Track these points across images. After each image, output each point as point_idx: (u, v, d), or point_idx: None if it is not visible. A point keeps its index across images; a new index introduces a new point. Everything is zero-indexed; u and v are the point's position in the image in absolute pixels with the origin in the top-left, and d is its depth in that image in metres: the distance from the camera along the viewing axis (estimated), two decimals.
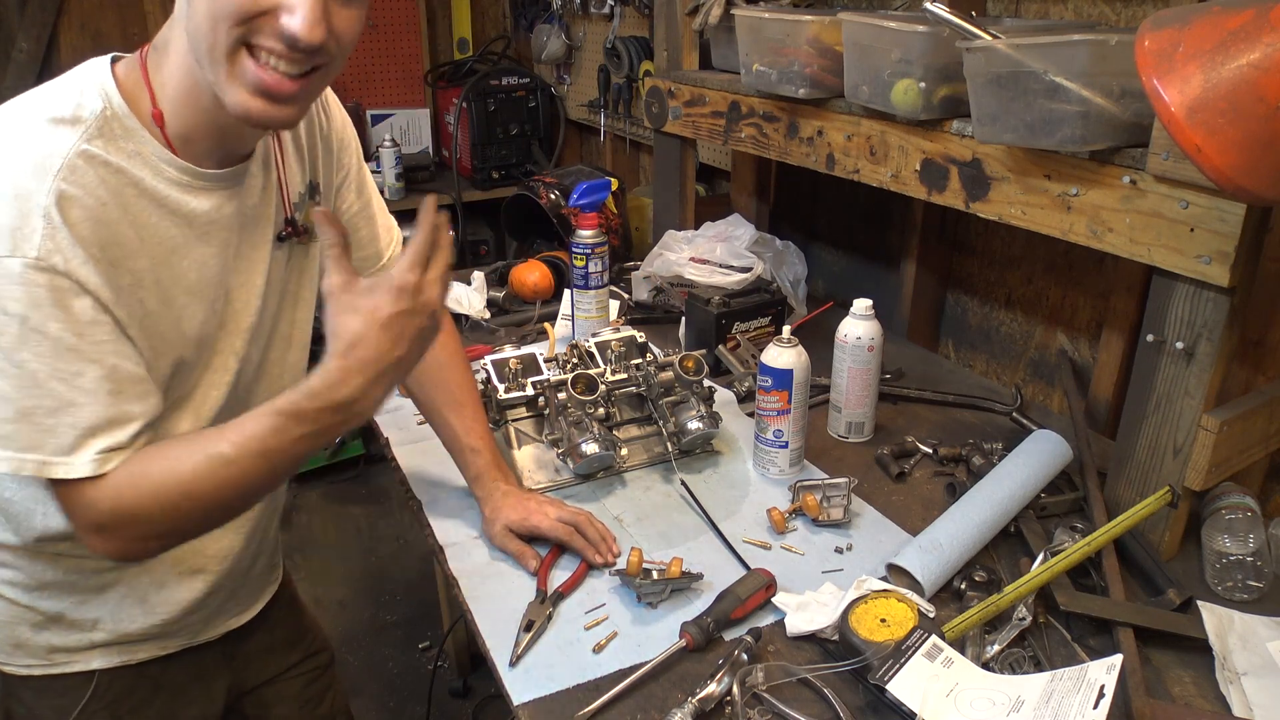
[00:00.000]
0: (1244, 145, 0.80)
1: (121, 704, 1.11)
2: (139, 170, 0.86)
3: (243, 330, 1.01)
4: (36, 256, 0.78)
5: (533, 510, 1.19)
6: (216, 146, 0.91)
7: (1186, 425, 1.10)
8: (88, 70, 0.88)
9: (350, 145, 1.16)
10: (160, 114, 0.87)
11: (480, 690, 2.32)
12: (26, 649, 1.05)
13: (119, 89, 0.86)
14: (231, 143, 0.93)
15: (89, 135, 0.83)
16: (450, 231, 0.89)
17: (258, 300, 1.02)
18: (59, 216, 0.79)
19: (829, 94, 1.50)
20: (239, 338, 1.01)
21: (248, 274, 1.01)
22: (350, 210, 1.18)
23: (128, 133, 0.86)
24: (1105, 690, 0.85)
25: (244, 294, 1.01)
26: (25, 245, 0.78)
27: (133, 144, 0.86)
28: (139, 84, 0.88)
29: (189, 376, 0.97)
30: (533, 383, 1.39)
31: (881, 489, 1.34)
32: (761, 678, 0.95)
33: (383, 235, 1.24)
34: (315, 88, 0.86)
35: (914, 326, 1.88)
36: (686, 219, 2.11)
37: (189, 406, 0.99)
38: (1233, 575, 1.10)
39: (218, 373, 1.00)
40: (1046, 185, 1.19)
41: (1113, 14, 1.43)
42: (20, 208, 0.78)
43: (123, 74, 0.88)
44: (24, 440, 0.82)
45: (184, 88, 0.86)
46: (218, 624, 1.18)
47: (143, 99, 0.87)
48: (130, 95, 0.87)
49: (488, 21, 3.68)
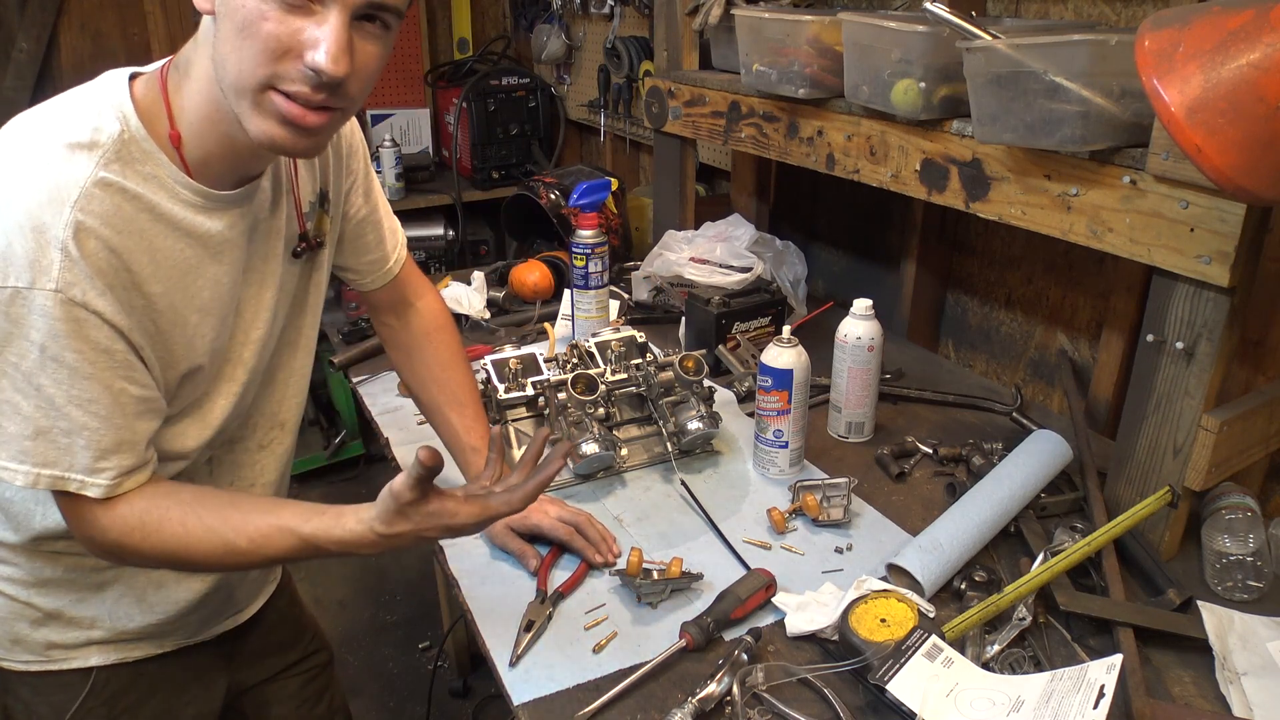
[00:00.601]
0: (1244, 145, 0.80)
1: (119, 701, 1.11)
2: (155, 194, 0.86)
3: (252, 342, 1.02)
4: (55, 289, 0.79)
5: (534, 509, 1.19)
6: (232, 170, 0.91)
7: (1186, 425, 1.10)
8: (105, 89, 0.86)
9: (358, 150, 1.16)
10: (178, 135, 0.87)
11: (480, 690, 2.32)
12: (24, 645, 1.06)
13: (136, 109, 0.85)
14: (247, 166, 0.93)
15: (106, 160, 0.83)
16: (559, 463, 0.92)
17: (268, 313, 1.02)
18: (76, 249, 0.79)
19: (829, 94, 1.50)
20: (248, 349, 1.02)
21: (259, 287, 1.01)
22: (358, 215, 1.18)
23: (145, 156, 0.85)
24: (1105, 690, 0.85)
25: (254, 306, 1.01)
26: (44, 278, 0.79)
27: (149, 167, 0.86)
28: (157, 103, 0.87)
29: (198, 387, 0.98)
30: (533, 383, 1.39)
31: (881, 489, 1.34)
32: (761, 678, 0.95)
33: (389, 239, 1.25)
34: (337, 122, 0.86)
35: (914, 326, 1.88)
36: (686, 219, 2.11)
37: (197, 415, 1.00)
38: (1233, 575, 1.10)
39: (227, 383, 1.01)
40: (1046, 185, 1.19)
41: (1113, 14, 1.43)
42: (38, 240, 0.79)
43: (140, 93, 0.87)
44: (41, 456, 0.84)
45: (204, 112, 0.86)
46: (215, 624, 1.18)
47: (160, 120, 0.87)
48: (147, 116, 0.86)
49: (488, 21, 3.68)
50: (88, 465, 0.85)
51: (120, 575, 1.05)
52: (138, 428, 0.88)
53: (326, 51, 0.77)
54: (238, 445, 1.09)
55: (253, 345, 1.02)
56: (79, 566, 1.03)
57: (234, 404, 1.02)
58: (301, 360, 1.14)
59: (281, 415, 1.14)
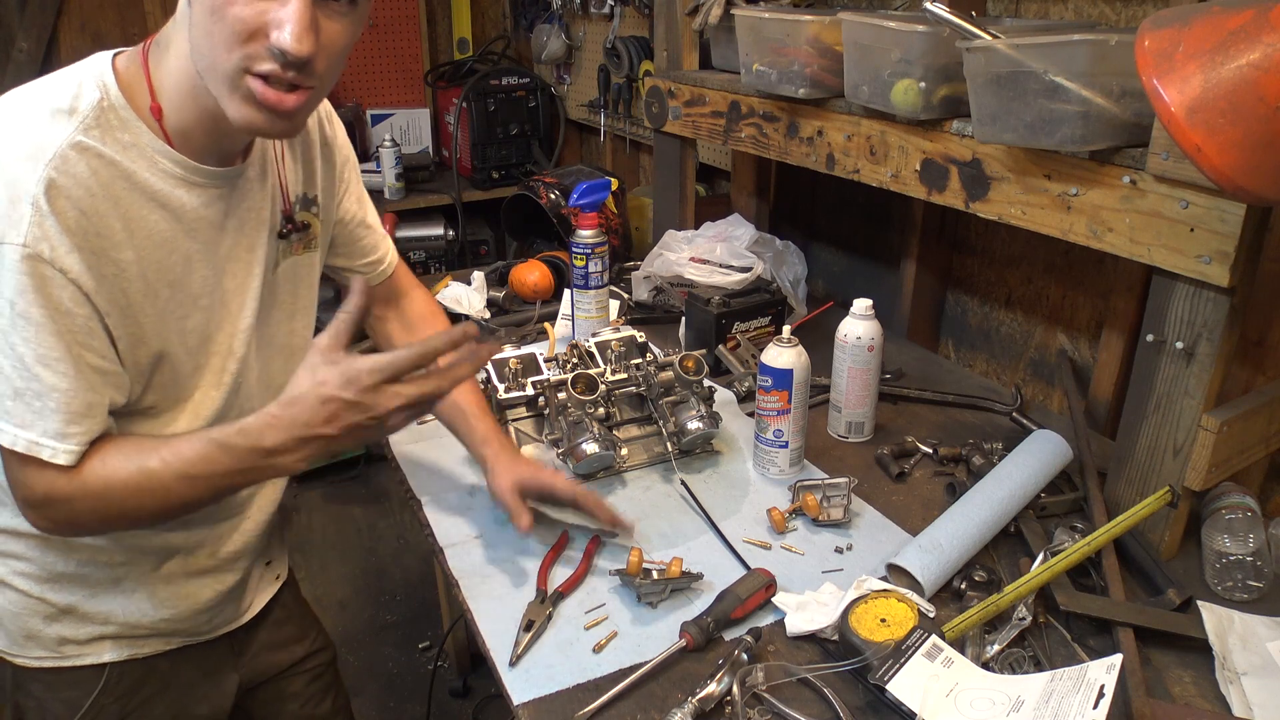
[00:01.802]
0: (1244, 145, 0.80)
1: (131, 698, 1.12)
2: (133, 162, 0.88)
3: (240, 332, 1.02)
4: (23, 243, 0.80)
5: (544, 469, 1.21)
6: (214, 143, 0.93)
7: (1186, 425, 1.10)
8: (89, 63, 0.89)
9: (351, 160, 1.19)
10: (159, 108, 0.89)
11: (480, 690, 2.32)
12: (38, 640, 1.06)
13: (118, 81, 0.88)
14: (229, 140, 0.94)
15: (85, 126, 0.85)
16: (482, 353, 0.91)
17: (254, 302, 1.03)
18: (46, 204, 0.81)
19: (829, 94, 1.50)
20: (236, 339, 1.02)
21: (244, 276, 1.02)
22: (354, 218, 1.21)
23: (124, 123, 0.87)
24: (1105, 690, 0.85)
25: (239, 296, 1.02)
26: (13, 232, 0.81)
27: (129, 135, 0.88)
28: (138, 77, 0.89)
29: (186, 378, 0.98)
30: (533, 383, 1.39)
31: (881, 489, 1.34)
32: (761, 678, 0.95)
33: (381, 241, 1.28)
34: (312, 102, 0.88)
35: (914, 326, 1.88)
36: (686, 219, 2.11)
37: (188, 407, 1.00)
38: (1233, 575, 1.10)
39: (215, 374, 1.01)
40: (1046, 185, 1.19)
41: (1113, 14, 1.43)
42: (10, 194, 0.81)
43: (122, 67, 0.89)
44: (19, 418, 0.85)
45: (184, 86, 0.88)
46: (221, 623, 1.18)
47: (142, 93, 0.89)
48: (128, 88, 0.88)
49: (488, 21, 3.68)
50: (58, 430, 0.85)
51: (131, 571, 1.06)
52: (102, 395, 0.88)
53: (291, 32, 0.79)
54: None
55: (241, 336, 1.02)
56: (93, 561, 1.03)
57: (225, 396, 1.02)
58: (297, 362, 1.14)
59: None
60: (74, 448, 0.86)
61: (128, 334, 0.90)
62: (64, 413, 0.85)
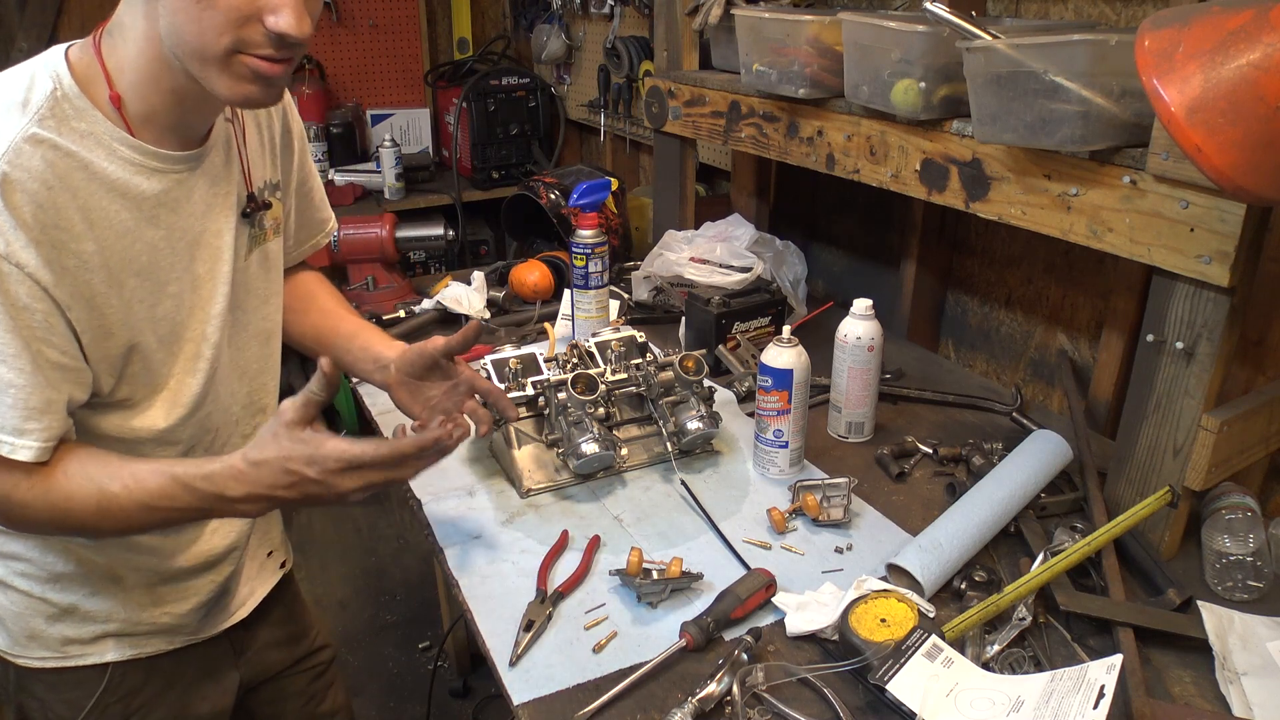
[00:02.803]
0: (1244, 145, 0.80)
1: (134, 698, 1.12)
2: (90, 152, 0.87)
3: (212, 317, 1.02)
4: None
5: (410, 349, 1.19)
6: (179, 123, 0.93)
7: (1186, 425, 1.10)
8: (41, 57, 0.89)
9: (305, 141, 1.21)
10: (118, 95, 0.88)
11: (480, 690, 2.32)
12: (41, 641, 1.06)
13: (71, 72, 0.87)
14: (193, 120, 0.95)
15: (39, 118, 0.84)
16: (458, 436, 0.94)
17: (225, 285, 1.03)
18: (1, 200, 0.81)
19: (829, 94, 1.50)
20: (209, 325, 1.02)
21: (213, 261, 1.01)
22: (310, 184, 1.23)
23: (79, 113, 0.87)
24: (1105, 690, 0.85)
25: (210, 281, 1.01)
26: None
27: (85, 124, 0.87)
28: (93, 66, 0.89)
29: (160, 367, 0.98)
30: (533, 383, 1.39)
31: (881, 489, 1.34)
32: (761, 678, 0.95)
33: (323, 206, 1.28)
34: (291, 68, 0.89)
35: (914, 326, 1.88)
36: (686, 219, 2.11)
37: (165, 395, 0.99)
38: (1233, 575, 1.10)
39: (189, 360, 1.01)
40: (1046, 185, 1.19)
41: (1113, 14, 1.43)
42: None
43: (75, 58, 0.89)
44: None
45: (145, 71, 0.87)
46: (221, 619, 1.19)
47: (98, 82, 0.88)
48: (84, 78, 0.88)
49: (488, 21, 3.68)
50: (16, 426, 0.85)
51: (130, 568, 1.06)
52: (61, 391, 0.88)
53: (288, 18, 0.81)
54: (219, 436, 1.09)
55: (214, 321, 1.02)
56: (91, 560, 1.03)
57: (203, 383, 1.02)
58: (273, 348, 1.16)
59: (262, 400, 1.15)
60: (33, 444, 0.86)
61: (93, 326, 0.90)
62: (21, 409, 0.85)
